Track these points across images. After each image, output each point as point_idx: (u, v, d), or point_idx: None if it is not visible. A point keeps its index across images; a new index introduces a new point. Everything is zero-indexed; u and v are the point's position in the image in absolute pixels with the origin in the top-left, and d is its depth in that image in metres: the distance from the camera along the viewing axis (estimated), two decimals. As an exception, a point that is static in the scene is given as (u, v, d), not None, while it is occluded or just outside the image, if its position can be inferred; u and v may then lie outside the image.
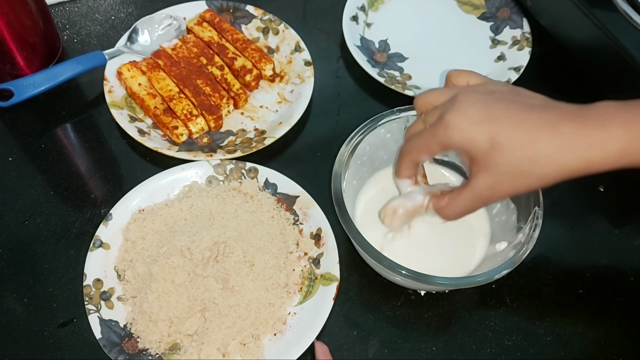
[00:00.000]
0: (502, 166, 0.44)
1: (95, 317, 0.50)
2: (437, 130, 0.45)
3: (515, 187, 0.44)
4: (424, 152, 0.48)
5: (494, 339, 0.54)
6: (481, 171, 0.45)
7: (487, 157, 0.44)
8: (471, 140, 0.44)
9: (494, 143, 0.43)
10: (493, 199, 0.46)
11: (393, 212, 0.51)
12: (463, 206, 0.47)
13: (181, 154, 0.60)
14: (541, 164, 0.43)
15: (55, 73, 0.63)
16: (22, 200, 0.59)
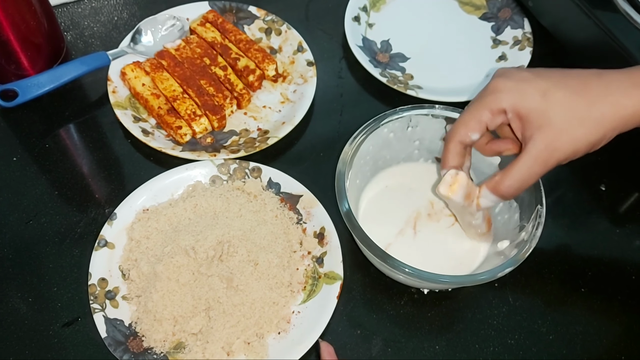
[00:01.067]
0: (557, 118, 0.42)
1: (100, 316, 0.50)
2: (484, 97, 0.44)
3: (574, 140, 0.42)
4: (472, 125, 0.45)
5: (496, 337, 0.54)
6: (536, 131, 0.43)
7: (541, 112, 0.42)
8: (522, 96, 0.42)
9: (546, 95, 0.42)
10: (552, 161, 0.43)
11: (454, 177, 0.48)
12: (520, 176, 0.44)
13: (185, 153, 0.60)
14: (597, 105, 0.41)
15: (60, 73, 0.63)
16: (27, 200, 0.59)
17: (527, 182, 0.45)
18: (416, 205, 0.58)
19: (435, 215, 0.58)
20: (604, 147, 0.65)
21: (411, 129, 0.58)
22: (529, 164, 0.44)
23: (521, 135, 0.45)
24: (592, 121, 0.42)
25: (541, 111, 0.42)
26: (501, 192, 0.46)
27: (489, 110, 0.44)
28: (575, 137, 0.42)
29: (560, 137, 0.42)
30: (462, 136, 0.46)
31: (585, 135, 0.42)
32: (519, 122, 0.44)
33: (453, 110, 0.56)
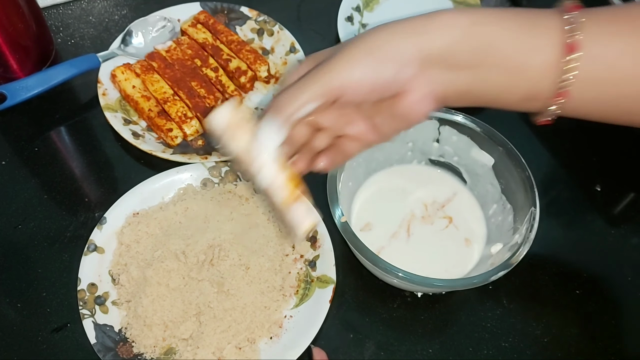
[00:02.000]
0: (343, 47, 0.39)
1: (89, 321, 0.50)
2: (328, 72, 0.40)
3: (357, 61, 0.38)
4: None
5: (490, 340, 0.54)
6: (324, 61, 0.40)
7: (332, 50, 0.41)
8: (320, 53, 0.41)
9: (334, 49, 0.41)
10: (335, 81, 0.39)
11: None
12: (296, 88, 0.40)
13: (176, 156, 0.60)
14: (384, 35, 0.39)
15: (49, 76, 0.63)
16: (15, 204, 0.59)
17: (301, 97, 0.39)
18: (410, 207, 0.58)
19: (429, 218, 0.57)
20: (599, 147, 0.66)
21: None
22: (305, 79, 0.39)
23: None
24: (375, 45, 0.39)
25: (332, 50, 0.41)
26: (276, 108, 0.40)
27: None
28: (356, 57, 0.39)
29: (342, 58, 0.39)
30: None
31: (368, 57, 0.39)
32: None
33: (446, 111, 0.56)
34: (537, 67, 0.38)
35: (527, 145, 0.55)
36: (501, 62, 0.39)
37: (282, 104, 0.40)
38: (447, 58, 0.39)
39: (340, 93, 0.39)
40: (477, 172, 0.57)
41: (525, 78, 0.39)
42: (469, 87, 0.40)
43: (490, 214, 0.57)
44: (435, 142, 0.58)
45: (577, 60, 0.37)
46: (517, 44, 0.38)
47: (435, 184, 0.59)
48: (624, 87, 0.38)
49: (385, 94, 0.40)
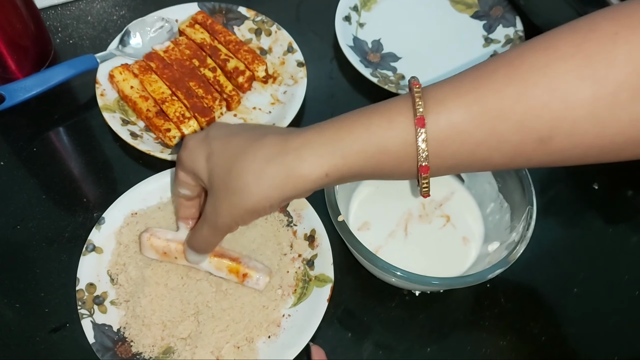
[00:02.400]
0: (216, 183, 0.42)
1: (88, 321, 0.50)
2: (178, 157, 0.45)
3: (230, 205, 0.42)
4: (177, 183, 0.47)
5: (488, 339, 0.54)
6: (208, 192, 0.44)
7: (207, 177, 0.43)
8: (195, 158, 0.44)
9: (208, 159, 0.43)
10: (219, 225, 0.44)
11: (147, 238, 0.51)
12: (199, 236, 0.47)
13: (174, 156, 0.60)
14: (245, 177, 0.41)
15: (47, 77, 0.63)
16: (14, 205, 0.59)
17: (205, 242, 0.47)
18: (407, 206, 0.58)
19: (427, 217, 0.58)
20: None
21: (401, 130, 0.57)
22: (203, 226, 0.46)
23: None
24: (241, 190, 0.41)
25: (206, 175, 0.43)
26: (193, 246, 0.49)
27: (181, 170, 0.46)
28: (230, 205, 0.42)
29: (218, 204, 0.43)
30: (176, 192, 0.48)
31: (239, 204, 0.42)
32: (201, 182, 0.45)
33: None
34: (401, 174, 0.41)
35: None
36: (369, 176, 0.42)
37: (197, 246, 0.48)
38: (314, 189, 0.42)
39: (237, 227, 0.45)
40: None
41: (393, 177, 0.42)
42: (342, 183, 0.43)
43: (487, 213, 0.57)
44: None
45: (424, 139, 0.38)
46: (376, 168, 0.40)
47: (432, 183, 0.59)
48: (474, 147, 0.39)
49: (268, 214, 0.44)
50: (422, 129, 0.38)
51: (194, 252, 0.49)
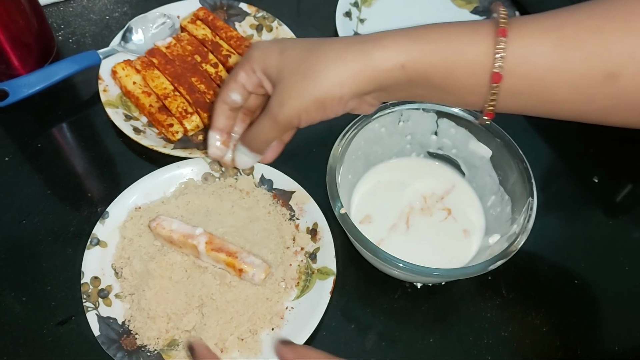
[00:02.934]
0: (287, 73, 0.43)
1: (93, 314, 0.50)
2: (241, 61, 0.46)
3: (299, 94, 0.42)
4: (231, 85, 0.47)
5: (490, 330, 0.54)
6: (275, 88, 0.44)
7: (278, 69, 0.44)
8: (266, 56, 0.44)
9: (283, 53, 0.44)
10: (281, 117, 0.44)
11: (154, 227, 0.52)
12: (257, 130, 0.46)
13: (177, 151, 0.60)
14: (322, 61, 0.42)
15: (50, 73, 0.63)
16: (19, 200, 0.59)
17: (264, 136, 0.47)
18: (409, 200, 0.58)
19: (428, 210, 0.58)
20: (596, 138, 0.66)
21: (402, 124, 0.58)
22: (264, 119, 0.45)
23: (270, 95, 0.46)
24: (315, 75, 0.42)
25: (278, 68, 0.44)
26: (250, 143, 0.48)
27: (243, 71, 0.46)
28: (299, 91, 0.42)
29: (288, 92, 0.43)
30: (224, 97, 0.48)
31: (310, 90, 0.42)
32: (267, 82, 0.45)
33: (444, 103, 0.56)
34: (467, 89, 0.42)
35: (524, 138, 0.55)
36: (435, 86, 0.43)
37: (252, 142, 0.48)
38: (384, 87, 0.43)
39: (296, 125, 0.45)
40: (475, 164, 0.58)
41: (456, 95, 0.43)
42: (406, 97, 0.45)
43: (488, 205, 0.57)
44: (433, 134, 0.59)
45: (502, 82, 0.40)
46: (448, 74, 0.41)
47: (433, 176, 0.60)
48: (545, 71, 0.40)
49: (334, 117, 0.44)
50: (503, 38, 0.39)
51: (245, 151, 0.49)
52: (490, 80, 0.40)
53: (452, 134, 0.58)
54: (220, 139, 0.50)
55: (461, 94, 0.43)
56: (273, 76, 0.44)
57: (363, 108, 0.46)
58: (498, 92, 0.41)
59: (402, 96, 0.45)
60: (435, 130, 0.58)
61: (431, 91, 0.43)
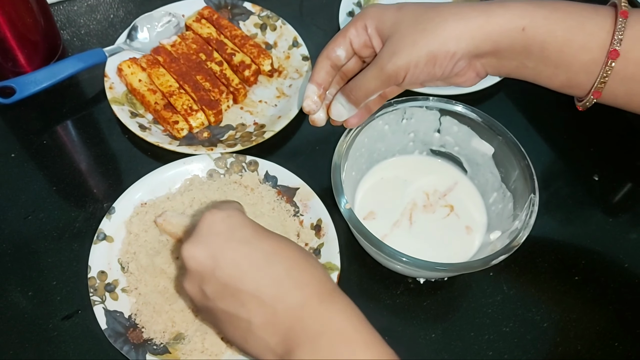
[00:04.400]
0: (404, 25, 0.43)
1: (100, 308, 0.51)
2: (353, 19, 0.47)
3: (413, 44, 0.43)
4: (338, 41, 0.47)
5: (491, 325, 0.55)
6: (387, 41, 0.45)
7: (392, 23, 0.44)
8: (382, 13, 0.45)
9: (401, 9, 0.44)
10: (390, 66, 0.44)
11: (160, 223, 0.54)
12: (363, 79, 0.47)
13: (182, 148, 0.61)
14: (442, 14, 0.43)
15: (57, 70, 0.64)
16: (25, 196, 0.60)
17: (368, 87, 0.47)
18: (412, 196, 0.59)
19: (431, 207, 0.59)
20: (597, 137, 0.67)
21: (406, 121, 0.59)
22: (370, 68, 0.46)
23: (378, 52, 0.46)
24: (433, 27, 0.42)
25: (393, 22, 0.44)
26: (347, 94, 0.48)
27: (353, 27, 0.47)
28: (414, 41, 0.43)
29: (401, 41, 0.43)
30: (329, 51, 0.48)
31: (425, 41, 0.43)
32: (378, 39, 0.46)
33: (447, 102, 0.57)
34: (580, 64, 0.43)
35: (525, 137, 0.56)
36: (548, 57, 0.43)
37: (354, 91, 0.48)
38: (499, 50, 0.43)
39: (401, 79, 0.44)
40: (478, 162, 0.59)
41: (567, 71, 0.44)
42: (512, 71, 0.45)
43: (490, 202, 0.58)
44: (436, 132, 0.59)
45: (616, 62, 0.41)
46: (565, 45, 0.42)
47: (436, 174, 0.60)
48: None
49: (439, 78, 0.45)
50: (624, 19, 0.41)
51: (343, 101, 0.49)
52: (607, 57, 0.42)
53: (455, 131, 0.58)
54: (317, 93, 0.50)
55: (573, 70, 0.43)
56: (386, 31, 0.44)
57: (468, 75, 0.46)
58: (611, 72, 0.42)
59: (511, 67, 0.45)
60: (438, 128, 0.59)
61: (542, 64, 0.44)
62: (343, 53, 0.48)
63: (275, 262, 0.39)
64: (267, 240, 0.40)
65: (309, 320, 0.38)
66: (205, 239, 0.39)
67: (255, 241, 0.40)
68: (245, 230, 0.40)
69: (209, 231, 0.40)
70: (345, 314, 0.39)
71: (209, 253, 0.39)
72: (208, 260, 0.39)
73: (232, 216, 0.41)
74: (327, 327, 0.38)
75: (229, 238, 0.39)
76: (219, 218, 0.40)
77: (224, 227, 0.40)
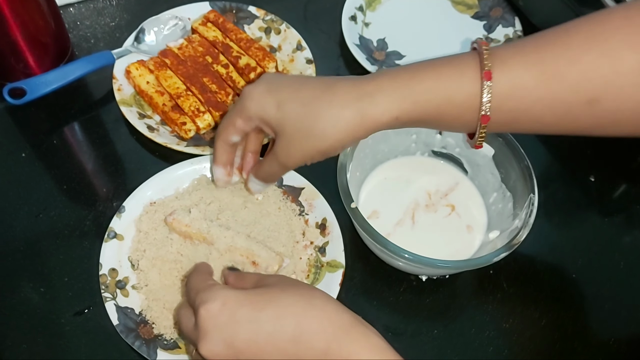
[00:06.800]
0: (289, 129, 0.46)
1: (111, 304, 0.52)
2: (237, 104, 0.49)
3: (304, 149, 0.46)
4: (230, 130, 0.50)
5: (491, 322, 0.56)
6: (277, 136, 0.48)
7: (277, 122, 0.46)
8: (263, 107, 0.47)
9: (280, 107, 0.46)
10: (289, 164, 0.49)
11: (170, 222, 0.56)
12: (267, 169, 0.51)
13: (190, 148, 0.62)
14: (320, 119, 0.45)
15: (66, 72, 0.65)
16: (36, 194, 0.61)
17: (274, 175, 0.53)
18: (414, 196, 0.61)
19: (433, 206, 0.60)
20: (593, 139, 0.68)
21: (408, 123, 0.60)
22: (273, 162, 0.50)
23: (270, 134, 0.49)
24: (317, 133, 0.45)
25: (277, 121, 0.47)
26: (259, 177, 0.54)
27: (240, 119, 0.49)
28: (303, 147, 0.46)
29: (292, 146, 0.47)
30: (225, 137, 0.51)
31: (313, 146, 0.46)
32: (267, 128, 0.48)
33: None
34: (459, 126, 0.46)
35: (522, 139, 0.57)
36: (430, 125, 0.47)
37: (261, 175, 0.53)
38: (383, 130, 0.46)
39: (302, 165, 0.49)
40: (478, 163, 0.60)
41: (452, 129, 0.49)
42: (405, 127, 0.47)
43: (490, 202, 0.59)
44: (438, 134, 0.61)
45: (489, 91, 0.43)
46: (441, 118, 0.45)
47: (438, 174, 0.62)
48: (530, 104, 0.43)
49: None
50: (488, 82, 0.42)
51: (258, 182, 0.54)
52: (480, 121, 0.44)
53: (456, 133, 0.60)
54: (225, 172, 0.55)
55: (454, 128, 0.48)
56: (273, 127, 0.47)
57: None
58: (487, 127, 0.44)
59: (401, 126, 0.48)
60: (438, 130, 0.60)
61: (428, 126, 0.48)
62: (237, 137, 0.51)
63: (285, 325, 0.40)
64: (268, 306, 0.41)
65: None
66: (214, 334, 0.40)
67: (258, 313, 0.40)
68: (244, 309, 0.41)
69: (214, 325, 0.40)
70: (369, 345, 0.40)
71: (225, 344, 0.40)
72: (228, 350, 0.40)
73: (225, 302, 0.41)
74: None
75: (235, 324, 0.40)
76: (216, 310, 0.41)
77: (226, 316, 0.40)
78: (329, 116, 0.45)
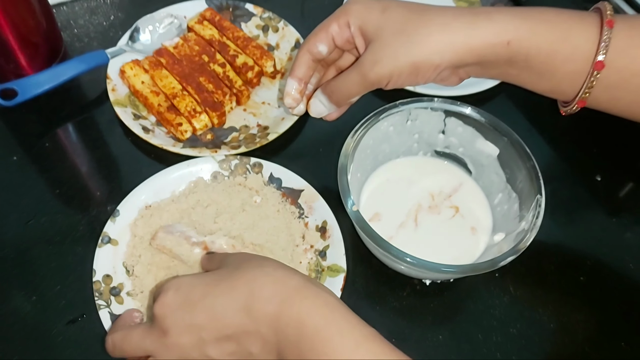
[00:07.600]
0: (388, 32, 0.43)
1: (105, 312, 0.51)
2: (336, 12, 0.46)
3: (396, 54, 0.43)
4: (320, 36, 0.47)
5: (499, 327, 0.55)
6: (370, 45, 0.44)
7: (377, 26, 0.43)
8: (366, 11, 0.44)
9: (386, 11, 0.44)
10: (372, 75, 0.44)
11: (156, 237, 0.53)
12: (343, 83, 0.46)
13: (186, 150, 0.60)
14: (428, 26, 0.42)
15: (59, 72, 0.63)
16: (27, 200, 0.59)
17: (349, 91, 0.47)
18: (417, 198, 0.59)
19: (436, 208, 0.59)
20: (599, 138, 0.67)
21: (411, 122, 0.58)
22: (351, 74, 0.45)
23: (361, 52, 0.46)
24: (418, 39, 0.42)
25: (377, 25, 0.43)
26: (329, 95, 0.48)
27: (336, 23, 0.46)
28: (398, 53, 0.43)
29: (384, 50, 0.43)
30: (311, 45, 0.48)
31: (410, 52, 0.42)
32: (360, 38, 0.45)
33: (452, 103, 0.57)
34: (564, 74, 0.43)
35: (528, 139, 0.56)
36: (532, 67, 0.43)
37: (335, 93, 0.48)
38: (483, 61, 0.43)
39: (383, 85, 0.44)
40: (482, 163, 0.59)
41: (551, 80, 0.44)
42: (495, 76, 0.45)
43: (495, 203, 0.58)
44: (440, 133, 0.59)
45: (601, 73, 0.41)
46: (550, 56, 0.42)
47: (441, 175, 0.60)
48: None
49: (421, 84, 0.45)
50: (610, 28, 0.41)
51: (324, 100, 0.49)
52: (592, 68, 0.42)
53: (460, 132, 0.58)
54: (297, 88, 0.50)
55: (556, 79, 0.43)
56: (370, 33, 0.44)
57: (451, 80, 0.46)
58: (595, 82, 0.42)
59: (494, 74, 0.45)
60: (442, 129, 0.59)
61: (526, 72, 0.44)
62: (325, 48, 0.48)
63: (238, 295, 0.39)
64: (222, 282, 0.41)
65: (287, 329, 0.38)
66: (172, 323, 0.40)
67: (212, 289, 0.40)
68: (197, 288, 0.41)
69: (171, 313, 0.41)
70: (319, 302, 0.39)
71: (186, 327, 0.40)
72: (191, 333, 0.40)
73: (178, 288, 0.41)
74: (303, 329, 0.38)
75: (190, 304, 0.40)
76: (170, 298, 0.41)
77: (180, 298, 0.41)
78: (437, 23, 0.42)
